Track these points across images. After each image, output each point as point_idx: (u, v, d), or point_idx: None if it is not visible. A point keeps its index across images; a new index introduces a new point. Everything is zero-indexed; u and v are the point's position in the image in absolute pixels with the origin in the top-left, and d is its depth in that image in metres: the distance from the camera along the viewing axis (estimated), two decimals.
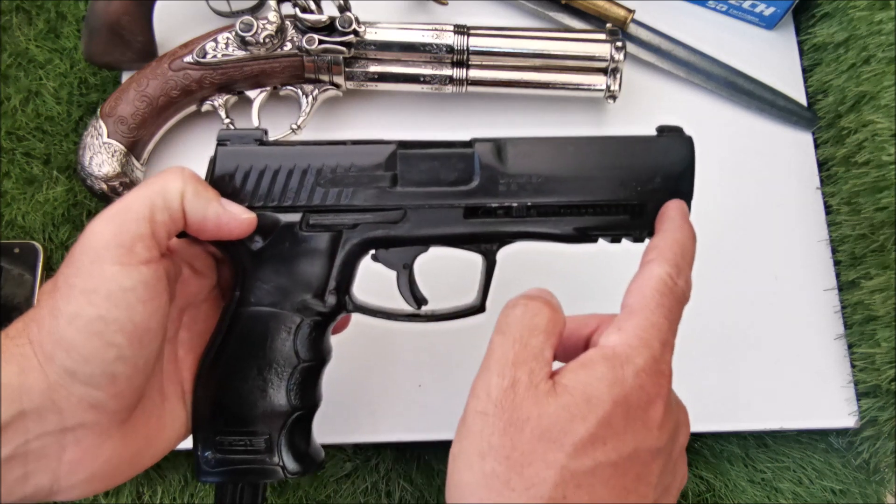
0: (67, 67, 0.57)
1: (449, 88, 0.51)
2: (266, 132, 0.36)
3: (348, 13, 0.49)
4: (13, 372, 0.28)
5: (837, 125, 0.53)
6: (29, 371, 0.28)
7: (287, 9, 0.49)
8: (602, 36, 0.51)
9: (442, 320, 0.38)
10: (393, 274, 0.37)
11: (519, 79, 0.51)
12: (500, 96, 0.54)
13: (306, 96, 0.51)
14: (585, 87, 0.52)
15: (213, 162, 0.35)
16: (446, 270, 0.43)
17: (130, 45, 0.52)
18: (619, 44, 0.50)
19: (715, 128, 0.55)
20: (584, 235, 0.37)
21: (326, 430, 0.49)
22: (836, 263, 0.52)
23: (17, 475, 0.28)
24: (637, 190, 0.36)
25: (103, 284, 0.29)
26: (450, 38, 0.50)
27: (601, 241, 0.37)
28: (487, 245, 0.37)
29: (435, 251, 0.37)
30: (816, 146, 0.55)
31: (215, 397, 0.34)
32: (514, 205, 0.35)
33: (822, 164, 0.55)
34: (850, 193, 0.51)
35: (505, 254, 0.37)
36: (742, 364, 0.50)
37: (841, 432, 0.52)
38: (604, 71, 0.51)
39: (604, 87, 0.51)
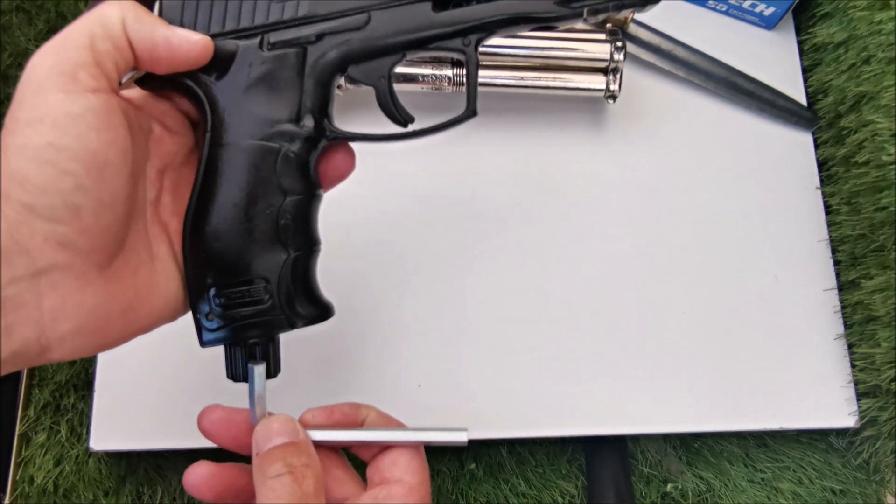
0: None
1: (449, 88, 0.51)
2: None
3: None
4: None
5: (837, 125, 0.53)
6: None
7: None
8: (602, 36, 0.51)
9: (433, 133, 0.36)
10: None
11: (518, 79, 0.51)
12: (499, 96, 0.54)
13: None
14: (585, 87, 0.52)
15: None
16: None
17: None
18: (619, 44, 0.50)
19: (715, 128, 0.55)
20: (567, 10, 0.34)
21: None
22: (836, 263, 0.52)
23: None
24: None
25: (48, 112, 0.27)
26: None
27: (585, 16, 0.34)
28: (465, 40, 0.34)
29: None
30: (816, 146, 0.55)
31: (203, 250, 0.33)
32: None
33: (822, 164, 0.55)
34: (850, 193, 0.51)
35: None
36: (742, 364, 0.50)
37: (841, 432, 0.52)
38: (604, 71, 0.51)
39: (604, 87, 0.51)
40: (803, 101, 0.56)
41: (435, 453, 0.51)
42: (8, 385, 0.51)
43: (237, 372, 0.33)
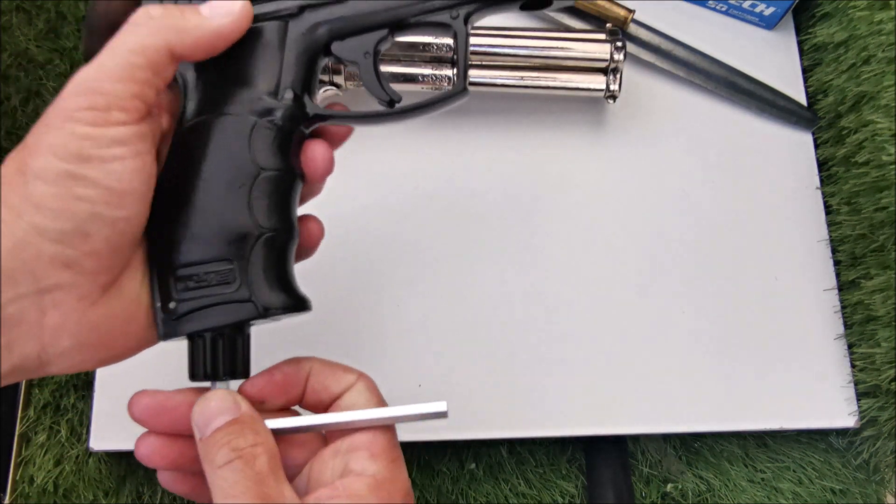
0: (67, 67, 0.57)
1: (449, 89, 0.51)
2: None
3: None
4: None
5: (837, 125, 0.53)
6: None
7: None
8: (602, 36, 0.51)
9: (420, 112, 0.34)
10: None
11: (519, 79, 0.51)
12: (499, 96, 0.54)
13: None
14: (585, 87, 0.52)
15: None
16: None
17: None
18: (619, 44, 0.50)
19: (715, 128, 0.55)
20: None
21: None
22: (836, 263, 0.52)
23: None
24: None
25: (74, 143, 0.27)
26: (449, 39, 0.50)
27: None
28: (452, 13, 0.33)
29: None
30: (816, 146, 0.55)
31: (166, 223, 0.30)
32: None
33: (822, 164, 0.55)
34: (850, 193, 0.51)
35: None
36: (742, 364, 0.50)
37: (841, 432, 0.52)
38: (604, 71, 0.51)
39: (604, 87, 0.51)
40: (803, 101, 0.56)
41: (435, 453, 0.51)
42: (8, 385, 0.51)
43: (199, 370, 0.31)
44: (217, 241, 0.30)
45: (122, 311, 0.30)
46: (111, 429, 0.48)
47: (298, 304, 0.32)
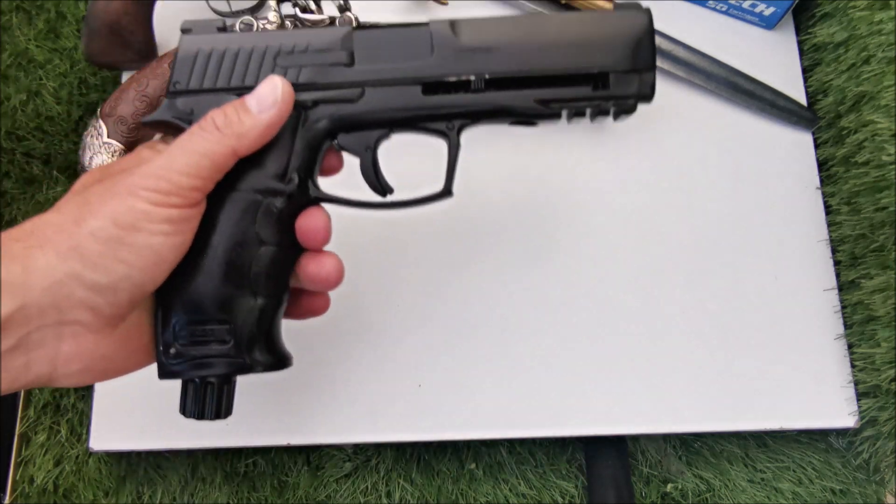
0: (67, 67, 0.57)
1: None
2: (225, 23, 0.37)
3: (348, 13, 0.48)
4: (16, 271, 0.29)
5: (837, 125, 0.53)
6: (33, 270, 0.29)
7: (287, 9, 0.49)
8: None
9: (409, 207, 0.39)
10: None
11: None
12: None
13: None
14: None
15: (176, 50, 0.36)
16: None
17: (130, 45, 0.52)
18: None
19: (715, 128, 0.55)
20: (546, 109, 0.37)
21: (326, 430, 0.49)
22: (836, 263, 0.52)
23: (20, 363, 0.30)
24: (596, 59, 0.36)
25: (131, 214, 0.31)
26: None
27: (564, 117, 0.37)
28: (449, 124, 0.37)
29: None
30: (816, 146, 0.55)
31: (175, 284, 0.34)
32: (472, 78, 0.36)
33: (822, 164, 0.55)
34: (850, 193, 0.51)
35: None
36: (742, 364, 0.50)
37: (841, 432, 0.52)
38: None
39: None
40: (803, 101, 0.56)
41: (435, 453, 0.51)
42: None
43: (189, 409, 0.35)
44: (219, 304, 0.34)
45: (128, 342, 0.34)
46: (111, 429, 0.48)
47: (281, 362, 0.36)
